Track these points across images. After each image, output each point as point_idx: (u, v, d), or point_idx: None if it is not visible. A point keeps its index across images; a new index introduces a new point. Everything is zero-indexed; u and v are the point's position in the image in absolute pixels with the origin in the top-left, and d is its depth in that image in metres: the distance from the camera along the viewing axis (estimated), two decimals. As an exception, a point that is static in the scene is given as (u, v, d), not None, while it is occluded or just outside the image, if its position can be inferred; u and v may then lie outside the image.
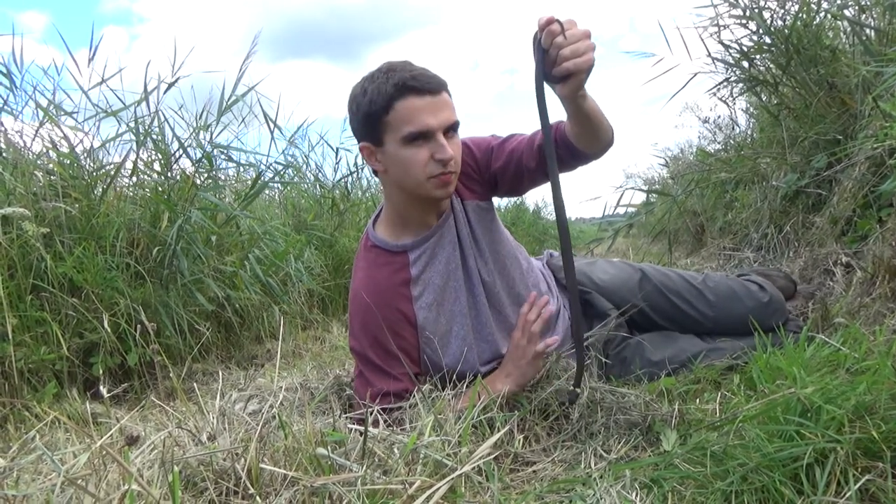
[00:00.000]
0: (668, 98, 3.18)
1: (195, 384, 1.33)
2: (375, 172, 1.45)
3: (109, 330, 1.90)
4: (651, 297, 1.73)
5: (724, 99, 3.48)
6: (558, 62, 1.13)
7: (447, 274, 1.47)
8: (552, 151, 1.24)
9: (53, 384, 1.82)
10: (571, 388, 1.33)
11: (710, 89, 3.29)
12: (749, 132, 4.09)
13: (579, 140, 1.34)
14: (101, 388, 1.13)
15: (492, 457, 0.97)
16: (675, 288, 1.74)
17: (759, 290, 1.76)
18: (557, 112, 1.50)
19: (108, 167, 2.44)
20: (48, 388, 1.80)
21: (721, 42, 2.99)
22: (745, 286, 1.76)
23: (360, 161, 3.89)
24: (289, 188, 3.96)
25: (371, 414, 1.11)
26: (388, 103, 1.29)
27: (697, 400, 1.41)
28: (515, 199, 8.40)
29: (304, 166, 4.01)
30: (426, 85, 1.28)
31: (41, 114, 2.32)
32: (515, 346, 1.43)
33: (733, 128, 4.41)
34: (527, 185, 1.49)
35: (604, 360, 1.59)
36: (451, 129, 1.33)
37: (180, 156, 2.53)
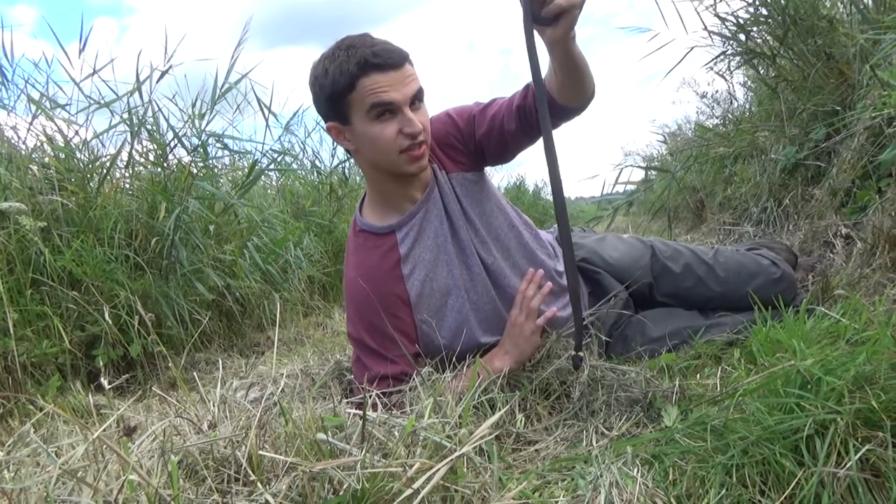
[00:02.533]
0: (664, 74, 3.14)
1: (197, 373, 1.33)
2: (349, 153, 1.44)
3: (111, 322, 1.90)
4: (660, 273, 1.72)
5: (721, 73, 3.45)
6: (548, 1, 1.10)
7: (436, 248, 1.46)
8: (543, 94, 1.21)
9: (57, 377, 1.83)
10: (574, 353, 1.32)
11: (707, 63, 3.24)
12: (747, 106, 4.06)
13: (563, 92, 1.31)
14: (103, 379, 1.13)
15: (493, 436, 0.97)
16: (685, 263, 1.72)
17: (772, 265, 1.73)
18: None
19: (103, 159, 2.43)
20: (52, 382, 1.80)
21: (717, 15, 2.95)
22: (756, 261, 1.73)
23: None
24: (286, 175, 3.95)
25: (370, 397, 1.11)
26: (352, 82, 1.27)
27: (698, 375, 1.40)
28: (515, 180, 8.39)
29: (301, 153, 4.00)
30: (388, 60, 1.27)
31: (34, 107, 2.31)
32: (513, 323, 1.42)
33: (731, 102, 4.38)
34: (512, 149, 1.47)
35: (604, 339, 1.58)
36: (416, 99, 1.31)
37: (175, 145, 2.52)
